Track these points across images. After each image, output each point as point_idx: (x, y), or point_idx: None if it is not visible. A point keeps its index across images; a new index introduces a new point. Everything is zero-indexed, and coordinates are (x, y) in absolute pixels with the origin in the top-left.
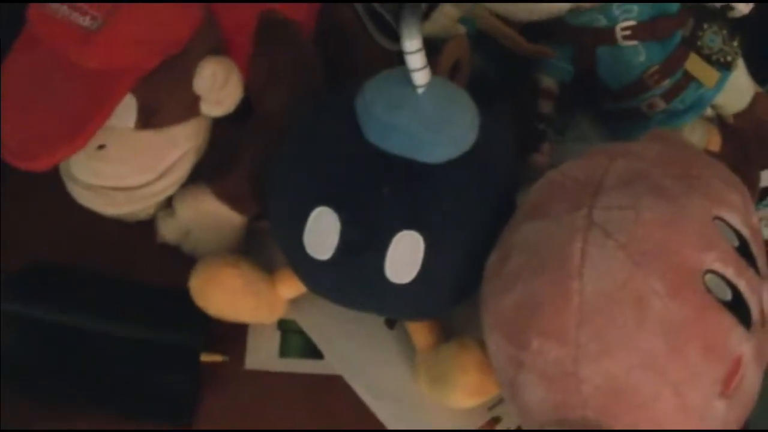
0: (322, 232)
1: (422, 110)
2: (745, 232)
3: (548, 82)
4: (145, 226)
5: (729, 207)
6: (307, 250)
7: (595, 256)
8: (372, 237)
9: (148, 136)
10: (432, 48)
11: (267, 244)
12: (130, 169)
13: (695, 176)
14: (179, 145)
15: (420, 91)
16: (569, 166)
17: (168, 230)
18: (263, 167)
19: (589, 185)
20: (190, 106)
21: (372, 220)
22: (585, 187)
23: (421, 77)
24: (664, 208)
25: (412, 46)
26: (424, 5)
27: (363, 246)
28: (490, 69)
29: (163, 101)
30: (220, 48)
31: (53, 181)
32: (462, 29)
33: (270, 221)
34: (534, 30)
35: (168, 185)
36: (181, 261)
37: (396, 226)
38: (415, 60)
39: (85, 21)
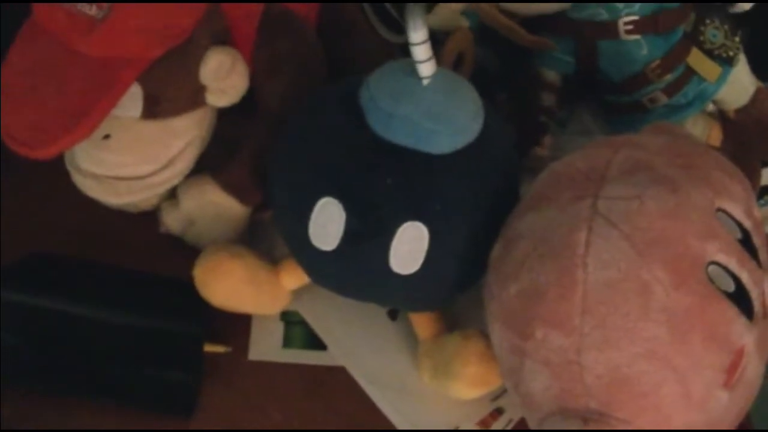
0: (327, 223)
1: (427, 101)
2: (748, 224)
3: (550, 74)
4: (149, 218)
5: (731, 198)
6: (312, 241)
7: (600, 246)
8: (376, 228)
9: (153, 126)
10: (435, 41)
11: (270, 234)
12: (134, 159)
13: (698, 167)
14: (183, 136)
15: (425, 82)
16: (573, 157)
17: (171, 220)
18: (267, 158)
19: (593, 175)
20: (195, 96)
21: (377, 211)
22: (589, 177)
23: (426, 69)
24: (668, 198)
25: (418, 37)
26: None
27: (367, 237)
28: (493, 61)
29: (169, 91)
30: (225, 38)
31: (56, 173)
32: (465, 22)
33: (274, 212)
34: (536, 23)
35: (172, 176)
36: (185, 252)
37: (400, 217)
38: (421, 51)
39: (92, 10)
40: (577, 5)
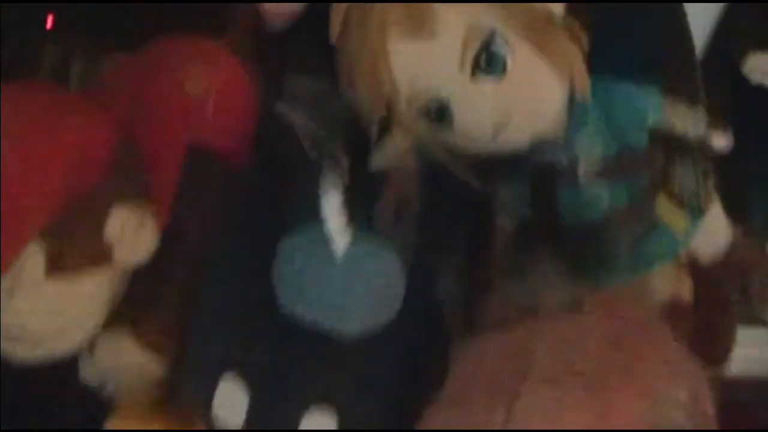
0: (231, 403)
1: (339, 278)
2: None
3: (503, 220)
4: None
5: (673, 406)
6: (215, 422)
7: None
8: (281, 414)
9: (58, 284)
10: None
11: None
12: (38, 317)
13: (637, 371)
14: (92, 294)
15: (338, 258)
16: (492, 349)
17: (88, 373)
18: (183, 311)
19: (509, 379)
20: (102, 253)
21: (281, 394)
22: (505, 380)
23: (340, 244)
24: (591, 408)
25: (333, 223)
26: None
27: (271, 421)
28: (444, 202)
29: (73, 248)
30: (139, 191)
31: None
32: (412, 162)
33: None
34: (491, 165)
35: (81, 335)
36: None
37: (307, 402)
38: (334, 226)
39: None
40: (534, 148)
